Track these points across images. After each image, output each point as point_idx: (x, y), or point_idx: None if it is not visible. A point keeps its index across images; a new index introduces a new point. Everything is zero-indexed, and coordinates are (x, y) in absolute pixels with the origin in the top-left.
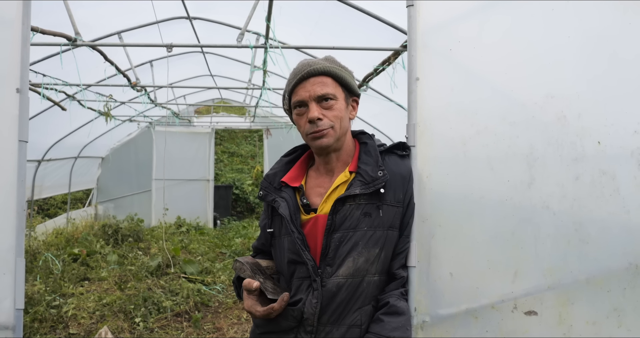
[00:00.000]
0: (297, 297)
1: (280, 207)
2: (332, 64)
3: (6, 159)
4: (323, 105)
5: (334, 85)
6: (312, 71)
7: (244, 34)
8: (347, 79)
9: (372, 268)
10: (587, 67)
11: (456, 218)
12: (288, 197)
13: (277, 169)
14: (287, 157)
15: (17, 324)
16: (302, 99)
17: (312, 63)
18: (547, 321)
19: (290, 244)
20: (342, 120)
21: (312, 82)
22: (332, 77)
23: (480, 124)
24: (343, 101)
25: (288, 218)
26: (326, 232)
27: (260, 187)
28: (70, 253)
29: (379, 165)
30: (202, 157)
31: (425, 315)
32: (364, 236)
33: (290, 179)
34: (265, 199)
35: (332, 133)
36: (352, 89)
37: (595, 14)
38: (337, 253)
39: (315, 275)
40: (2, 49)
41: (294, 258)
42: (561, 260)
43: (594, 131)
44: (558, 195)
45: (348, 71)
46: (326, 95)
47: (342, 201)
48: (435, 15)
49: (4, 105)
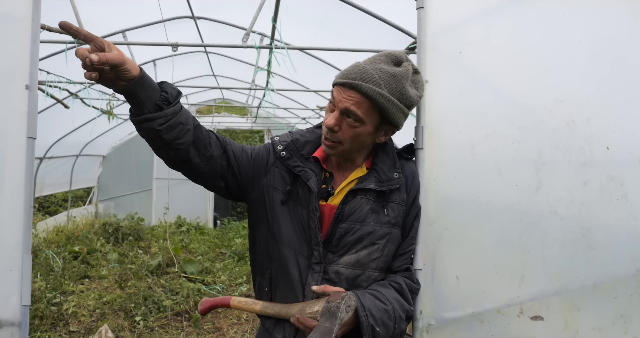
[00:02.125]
0: (288, 267)
1: (310, 181)
2: (388, 87)
3: (14, 155)
4: (347, 120)
5: (370, 111)
6: (354, 85)
7: (249, 34)
8: (390, 110)
9: (372, 264)
10: (597, 71)
11: (463, 221)
12: (317, 173)
13: (310, 138)
14: (319, 130)
15: (23, 321)
16: (334, 101)
17: (365, 77)
18: (553, 326)
19: (303, 218)
20: (360, 142)
21: (349, 94)
22: (372, 102)
23: (489, 128)
24: (371, 127)
25: (316, 195)
26: (334, 221)
27: (285, 146)
28: (71, 251)
29: (397, 167)
30: None
31: (430, 318)
32: (370, 231)
33: (322, 158)
34: (287, 162)
35: (339, 148)
36: (392, 120)
37: (605, 18)
38: (340, 242)
39: (320, 258)
40: (12, 46)
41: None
42: (568, 266)
43: (603, 136)
44: (566, 200)
45: (406, 101)
46: (353, 114)
47: (354, 193)
48: (445, 18)
49: (13, 101)
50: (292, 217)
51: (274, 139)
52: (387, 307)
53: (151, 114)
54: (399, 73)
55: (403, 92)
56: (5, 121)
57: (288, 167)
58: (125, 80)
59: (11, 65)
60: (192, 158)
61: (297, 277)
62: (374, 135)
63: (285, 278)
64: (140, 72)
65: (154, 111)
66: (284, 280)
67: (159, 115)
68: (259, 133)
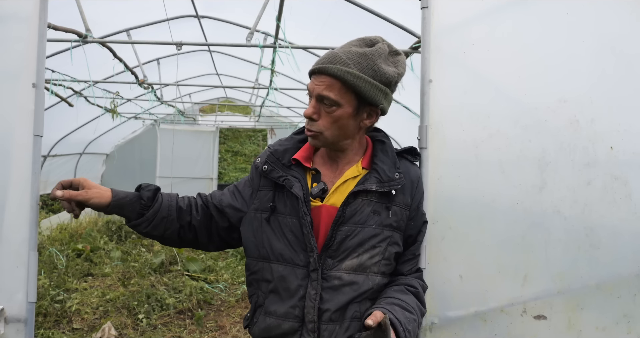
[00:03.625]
0: (290, 288)
1: (294, 187)
2: (359, 65)
3: (21, 153)
4: (324, 106)
5: (342, 92)
6: (323, 69)
7: (253, 33)
8: (363, 88)
9: (374, 267)
10: (601, 72)
11: (467, 221)
12: (301, 178)
13: (288, 145)
14: (298, 136)
15: (29, 317)
16: (309, 89)
17: (333, 59)
18: (556, 326)
19: (294, 227)
20: (342, 127)
21: (321, 79)
22: (342, 83)
23: (493, 127)
24: (350, 109)
25: (302, 200)
26: (334, 224)
27: (264, 161)
28: (74, 248)
29: (397, 167)
30: (206, 156)
31: (434, 316)
32: (372, 234)
33: (303, 159)
34: (270, 175)
35: (322, 138)
36: (369, 100)
37: (610, 18)
38: (341, 246)
39: (316, 265)
40: (19, 45)
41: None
42: (571, 265)
43: (607, 136)
44: (569, 199)
45: (382, 77)
46: (327, 98)
47: (355, 195)
48: (449, 17)
49: (20, 99)
50: (283, 230)
51: (256, 161)
52: (414, 315)
53: (135, 221)
54: (369, 52)
55: (375, 69)
56: (12, 119)
57: (272, 180)
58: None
59: (18, 64)
60: (199, 238)
61: (295, 288)
62: (356, 119)
63: (285, 293)
64: (112, 199)
65: (137, 218)
66: (285, 295)
67: (142, 221)
68: (261, 132)
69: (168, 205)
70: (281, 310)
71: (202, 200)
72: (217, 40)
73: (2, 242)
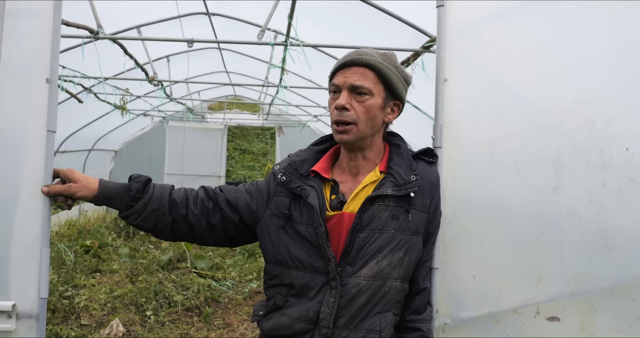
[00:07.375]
0: (309, 293)
1: (310, 197)
2: (384, 60)
3: (35, 148)
4: (356, 97)
5: (375, 81)
6: (356, 60)
7: (264, 31)
8: (393, 79)
9: (394, 273)
10: (618, 72)
11: (481, 221)
12: (318, 188)
13: (306, 156)
14: (316, 147)
15: (40, 313)
16: (338, 84)
17: (362, 53)
18: (569, 328)
19: (311, 236)
20: (372, 119)
21: (352, 71)
22: (375, 72)
23: (508, 127)
24: (380, 100)
25: (318, 210)
26: (351, 231)
27: (283, 171)
28: (83, 245)
29: (413, 169)
30: (214, 153)
31: (446, 317)
32: (390, 239)
33: (321, 170)
34: (288, 186)
35: (354, 131)
36: (396, 92)
37: (628, 18)
38: (360, 253)
39: (335, 274)
40: (33, 40)
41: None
42: (585, 267)
43: (623, 137)
44: (584, 201)
45: (402, 74)
46: (361, 88)
47: (372, 200)
48: (465, 16)
49: (34, 95)
50: (300, 238)
51: (275, 168)
52: None
53: (125, 213)
54: (389, 53)
55: (397, 66)
56: (26, 114)
57: (290, 190)
58: (88, 200)
59: (32, 59)
60: (195, 232)
61: (314, 294)
62: (383, 112)
63: (304, 298)
64: (98, 191)
65: (127, 209)
66: (304, 299)
67: (131, 213)
68: (270, 130)
69: (159, 197)
70: (296, 312)
71: (205, 193)
72: (227, 37)
73: (15, 237)
